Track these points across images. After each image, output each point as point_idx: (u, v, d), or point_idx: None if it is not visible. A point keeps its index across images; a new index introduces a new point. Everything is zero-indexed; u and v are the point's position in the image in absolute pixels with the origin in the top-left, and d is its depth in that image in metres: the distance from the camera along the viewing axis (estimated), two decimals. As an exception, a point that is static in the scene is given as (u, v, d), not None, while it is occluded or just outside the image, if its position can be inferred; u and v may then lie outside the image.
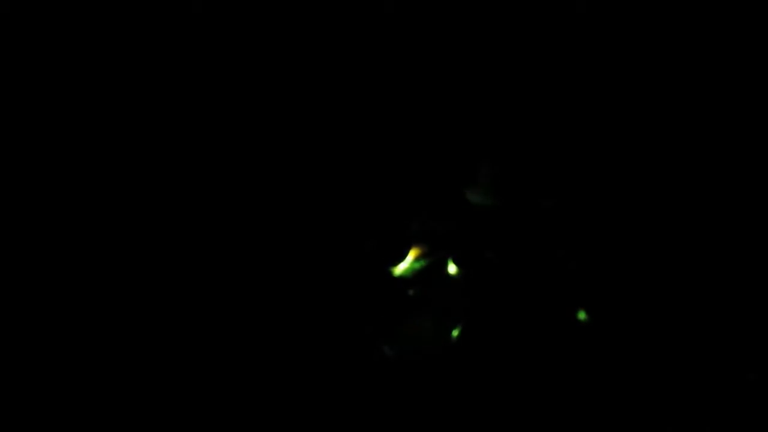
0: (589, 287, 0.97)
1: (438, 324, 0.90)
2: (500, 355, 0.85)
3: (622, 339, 0.87)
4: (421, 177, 1.23)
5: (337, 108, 1.21)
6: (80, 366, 0.83)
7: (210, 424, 0.78)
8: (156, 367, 0.83)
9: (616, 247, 1.07)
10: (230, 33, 1.14)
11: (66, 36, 1.05)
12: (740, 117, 1.16)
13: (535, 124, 1.23)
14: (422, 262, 1.01)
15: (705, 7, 1.14)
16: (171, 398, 0.80)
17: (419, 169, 1.24)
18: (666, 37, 1.16)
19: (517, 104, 1.22)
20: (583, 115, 1.23)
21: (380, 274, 0.99)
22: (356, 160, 1.21)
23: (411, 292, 0.97)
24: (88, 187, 1.06)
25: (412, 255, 1.01)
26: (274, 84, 1.18)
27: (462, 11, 1.19)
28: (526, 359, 0.84)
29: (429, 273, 0.99)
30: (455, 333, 0.88)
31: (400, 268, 1.00)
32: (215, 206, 1.08)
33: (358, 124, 1.23)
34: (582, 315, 0.91)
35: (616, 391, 0.80)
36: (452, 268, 1.00)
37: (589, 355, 0.85)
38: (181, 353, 0.84)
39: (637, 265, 1.02)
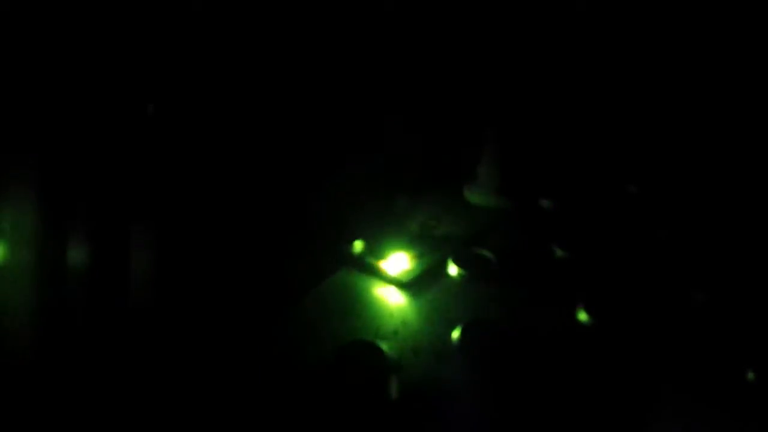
0: (589, 287, 0.97)
1: (438, 324, 0.90)
2: (500, 355, 0.85)
3: (622, 339, 0.87)
4: (421, 177, 1.23)
5: (335, 108, 1.21)
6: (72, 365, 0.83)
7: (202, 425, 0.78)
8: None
9: (616, 246, 1.07)
10: (229, 31, 1.14)
11: (65, 34, 1.05)
12: (741, 117, 1.16)
13: (535, 124, 1.23)
14: (421, 263, 1.01)
15: (705, 6, 1.14)
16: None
17: (419, 169, 1.24)
18: (666, 37, 1.16)
19: (517, 104, 1.22)
20: (583, 114, 1.23)
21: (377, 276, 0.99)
22: (354, 160, 1.21)
23: (410, 292, 0.97)
24: (83, 185, 1.06)
25: (409, 257, 1.01)
26: (272, 82, 1.18)
27: (462, 10, 1.19)
28: (526, 359, 0.84)
29: (428, 274, 0.99)
30: (455, 333, 0.87)
31: (400, 270, 1.00)
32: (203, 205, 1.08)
33: (356, 124, 1.23)
34: (582, 315, 0.91)
35: (616, 391, 0.80)
36: (452, 269, 1.00)
37: (589, 355, 0.85)
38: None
39: (637, 264, 1.02)
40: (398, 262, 1.00)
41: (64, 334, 0.87)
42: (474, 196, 1.21)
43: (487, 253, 1.03)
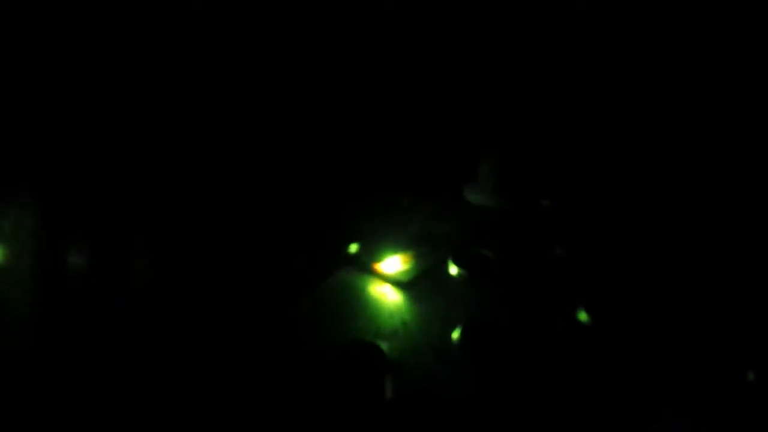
0: (589, 287, 0.97)
1: (438, 324, 0.90)
2: (500, 355, 0.85)
3: (622, 339, 0.87)
4: (420, 177, 1.23)
5: (334, 108, 1.21)
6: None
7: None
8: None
9: (616, 246, 1.07)
10: (229, 30, 1.14)
11: (64, 33, 1.05)
12: (742, 119, 1.16)
13: (535, 124, 1.23)
14: (421, 263, 1.01)
15: (706, 6, 1.14)
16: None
17: (418, 169, 1.24)
18: (667, 36, 1.16)
19: (517, 104, 1.22)
20: (583, 114, 1.23)
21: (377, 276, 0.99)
22: (358, 160, 1.21)
23: (410, 292, 0.97)
24: (83, 186, 1.06)
25: (409, 257, 1.01)
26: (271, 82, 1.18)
27: (462, 9, 1.19)
28: (526, 359, 0.84)
29: (428, 274, 0.99)
30: (455, 333, 0.88)
31: (399, 270, 1.00)
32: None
33: (358, 125, 1.23)
34: (582, 315, 0.91)
35: (616, 391, 0.80)
36: (452, 269, 1.00)
37: (589, 355, 0.85)
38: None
39: (637, 264, 1.02)
40: (398, 262, 1.00)
41: (64, 335, 0.87)
42: (474, 196, 1.21)
43: (487, 253, 1.03)
